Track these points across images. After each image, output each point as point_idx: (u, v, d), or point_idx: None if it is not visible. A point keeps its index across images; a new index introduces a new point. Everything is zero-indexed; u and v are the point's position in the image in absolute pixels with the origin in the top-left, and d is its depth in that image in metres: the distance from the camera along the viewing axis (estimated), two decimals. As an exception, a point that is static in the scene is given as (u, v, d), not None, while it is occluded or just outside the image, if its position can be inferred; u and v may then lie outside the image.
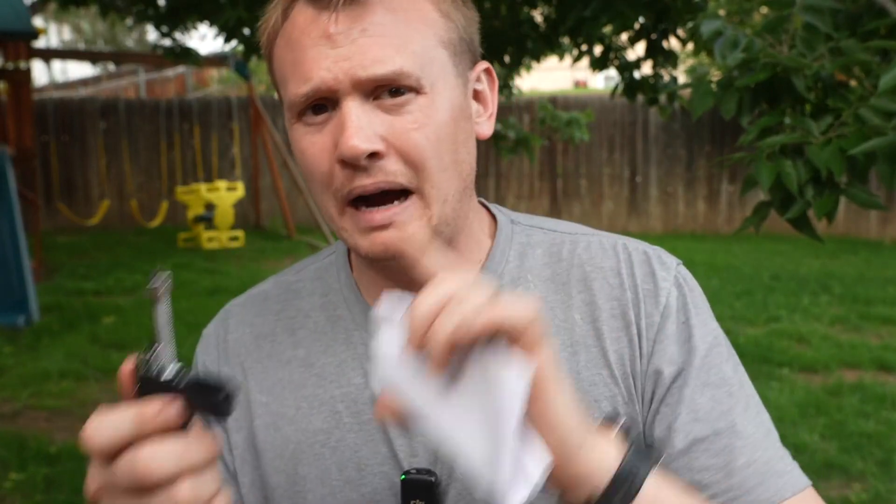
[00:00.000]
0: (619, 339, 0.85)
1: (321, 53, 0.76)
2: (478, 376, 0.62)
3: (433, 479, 0.82)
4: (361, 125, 0.75)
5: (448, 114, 0.79)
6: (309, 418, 0.87)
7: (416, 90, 0.77)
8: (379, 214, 0.77)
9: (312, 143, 0.78)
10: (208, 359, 0.94)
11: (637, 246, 0.92)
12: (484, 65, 0.88)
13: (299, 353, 0.90)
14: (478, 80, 0.87)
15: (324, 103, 0.78)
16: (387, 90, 0.76)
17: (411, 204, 0.78)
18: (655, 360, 0.84)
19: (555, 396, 0.64)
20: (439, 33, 0.80)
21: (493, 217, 0.94)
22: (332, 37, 0.76)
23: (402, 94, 0.76)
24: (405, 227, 0.77)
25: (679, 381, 0.83)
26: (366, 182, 0.76)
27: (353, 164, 0.76)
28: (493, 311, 0.60)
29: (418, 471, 0.82)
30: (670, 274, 0.89)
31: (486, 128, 0.87)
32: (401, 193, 0.78)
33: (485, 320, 0.60)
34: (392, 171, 0.76)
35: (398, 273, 0.82)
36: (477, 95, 0.87)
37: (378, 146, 0.75)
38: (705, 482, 0.80)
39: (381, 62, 0.75)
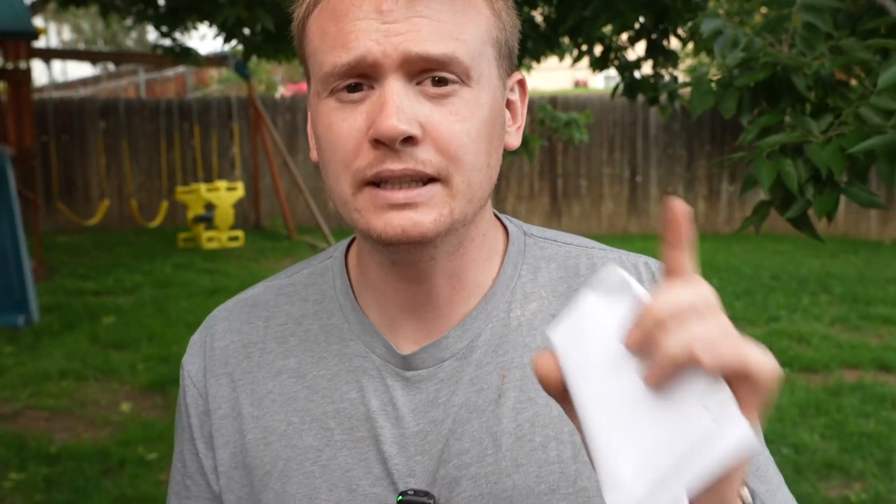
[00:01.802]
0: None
1: (371, 26, 0.72)
2: (678, 404, 0.53)
3: (431, 501, 0.79)
4: (403, 106, 0.71)
5: (489, 112, 0.76)
6: (300, 434, 0.83)
7: (463, 81, 0.74)
8: (402, 193, 0.72)
9: (343, 118, 0.74)
10: (193, 368, 0.89)
11: (661, 265, 0.87)
12: (519, 75, 0.85)
13: (290, 364, 0.85)
14: (511, 89, 0.83)
15: (361, 81, 0.74)
16: (431, 77, 0.73)
17: (437, 190, 0.73)
18: None
19: (740, 477, 0.56)
20: (490, 30, 0.77)
21: (505, 228, 0.89)
22: (385, 12, 0.72)
23: (447, 84, 0.73)
24: (427, 211, 0.73)
25: None
26: (394, 167, 0.72)
27: (386, 145, 0.71)
28: (743, 350, 0.52)
29: (416, 492, 0.79)
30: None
31: (515, 139, 0.83)
32: (427, 181, 0.73)
33: (733, 356, 0.51)
34: (423, 160, 0.72)
35: (406, 267, 0.79)
36: (509, 105, 0.83)
37: (416, 131, 0.71)
38: None
39: (434, 42, 0.72)
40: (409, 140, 0.71)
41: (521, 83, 0.85)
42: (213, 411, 0.86)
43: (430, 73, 0.73)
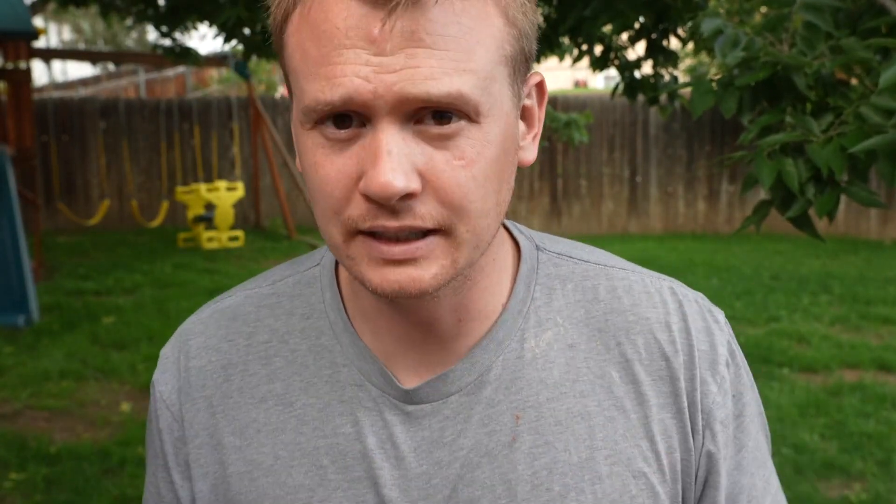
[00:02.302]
0: (665, 407, 0.74)
1: (359, 57, 0.60)
2: None
3: None
4: (400, 158, 0.61)
5: (500, 147, 0.65)
6: (289, 470, 0.74)
7: (471, 118, 0.63)
8: (399, 248, 0.63)
9: (330, 161, 0.64)
10: (167, 389, 0.80)
11: (687, 293, 0.79)
12: (538, 77, 0.73)
13: (276, 389, 0.76)
14: (528, 94, 0.72)
15: (350, 114, 0.63)
16: (431, 114, 0.62)
17: (439, 242, 0.64)
18: (708, 440, 0.74)
19: None
20: (504, 47, 0.65)
21: (515, 242, 0.79)
22: (377, 41, 0.60)
23: (451, 120, 0.62)
24: (428, 266, 0.64)
25: (729, 463, 0.76)
26: (389, 224, 0.62)
27: (379, 203, 0.62)
28: None
29: None
30: (724, 335, 0.78)
31: (530, 152, 0.72)
32: (427, 232, 0.64)
33: None
34: (422, 214, 0.62)
35: (403, 307, 0.72)
36: (524, 113, 0.71)
37: (415, 185, 0.61)
38: None
39: (437, 80, 0.60)
40: (408, 195, 0.62)
41: (540, 85, 0.74)
42: (190, 439, 0.78)
43: (428, 110, 0.62)
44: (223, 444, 0.76)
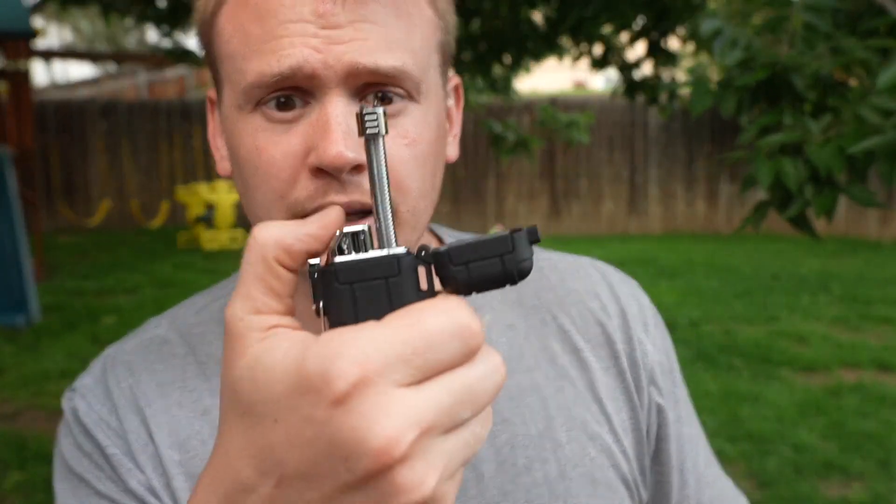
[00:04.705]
0: (607, 371, 0.77)
1: (307, 30, 0.61)
2: None
3: None
4: (350, 129, 0.60)
5: (437, 131, 0.67)
6: None
7: (412, 96, 0.64)
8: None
9: (274, 142, 0.63)
10: (98, 412, 0.73)
11: (604, 264, 0.83)
12: (456, 79, 0.76)
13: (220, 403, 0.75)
14: (448, 95, 0.74)
15: (292, 94, 0.63)
16: (375, 93, 0.63)
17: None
18: (655, 395, 0.78)
19: None
20: (436, 33, 0.68)
21: (440, 241, 0.81)
22: (326, 15, 0.61)
23: (393, 101, 0.63)
24: None
25: (672, 415, 0.80)
26: (339, 199, 0.62)
27: (329, 175, 0.62)
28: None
29: None
30: (646, 297, 0.83)
31: (453, 150, 0.75)
32: (367, 213, 0.63)
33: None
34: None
35: None
36: (447, 112, 0.74)
37: (363, 157, 0.61)
38: None
39: (385, 54, 0.62)
40: (356, 168, 0.61)
41: (457, 88, 0.77)
42: (137, 453, 0.71)
43: (375, 87, 0.63)
44: (162, 458, 0.71)
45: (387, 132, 0.44)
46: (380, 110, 0.44)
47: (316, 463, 0.39)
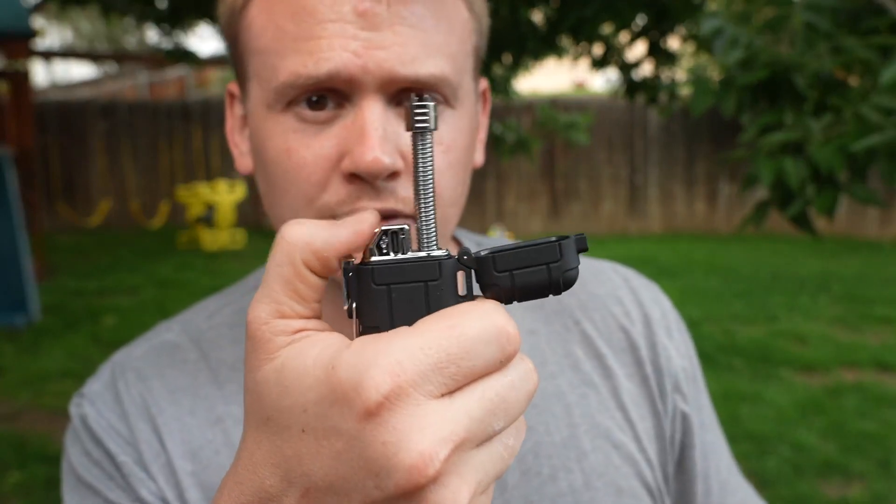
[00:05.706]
0: (630, 377, 0.75)
1: (346, 31, 0.58)
2: None
3: None
4: (387, 135, 0.59)
5: (469, 138, 0.66)
6: None
7: (448, 102, 0.63)
8: None
9: (306, 145, 0.61)
10: (107, 419, 0.70)
11: (625, 269, 0.81)
12: (484, 83, 0.74)
13: (233, 411, 0.70)
14: (478, 100, 0.72)
15: (326, 95, 0.61)
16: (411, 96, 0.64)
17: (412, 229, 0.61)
18: (680, 402, 0.76)
19: None
20: (472, 37, 0.66)
21: (458, 242, 0.80)
22: (366, 15, 0.58)
23: None
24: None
25: (697, 422, 0.78)
26: (372, 205, 0.60)
27: (363, 181, 0.60)
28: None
29: None
30: (668, 302, 0.81)
31: (480, 156, 0.73)
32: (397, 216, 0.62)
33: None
34: (403, 197, 0.60)
35: None
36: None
37: (400, 164, 0.59)
38: None
39: (424, 61, 0.59)
40: (391, 175, 0.60)
41: (485, 92, 0.75)
42: (149, 462, 0.69)
43: (412, 91, 0.60)
44: (174, 468, 0.69)
45: (436, 127, 0.42)
46: (431, 103, 0.42)
47: (344, 477, 0.37)
